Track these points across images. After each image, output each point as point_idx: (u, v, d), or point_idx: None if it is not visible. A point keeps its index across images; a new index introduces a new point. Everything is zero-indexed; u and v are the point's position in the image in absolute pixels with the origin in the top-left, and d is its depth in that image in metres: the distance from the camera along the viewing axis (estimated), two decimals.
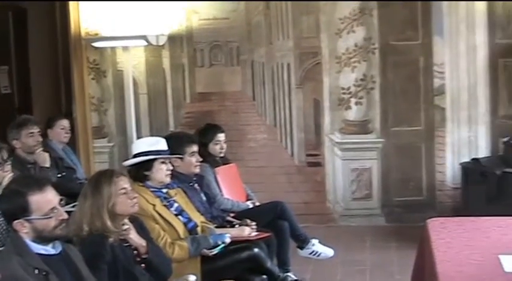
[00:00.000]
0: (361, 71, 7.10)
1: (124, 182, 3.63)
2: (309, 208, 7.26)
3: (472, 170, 6.64)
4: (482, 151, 7.08)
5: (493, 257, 3.39)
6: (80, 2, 7.14)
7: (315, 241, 5.59)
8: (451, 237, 3.78)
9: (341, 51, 7.11)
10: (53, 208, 2.93)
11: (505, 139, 6.66)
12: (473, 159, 6.83)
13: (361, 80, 7.11)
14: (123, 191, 3.58)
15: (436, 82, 7.11)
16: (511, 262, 3.29)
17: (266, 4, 7.29)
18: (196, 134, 5.45)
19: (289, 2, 7.17)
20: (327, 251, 5.64)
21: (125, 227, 3.58)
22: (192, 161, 4.79)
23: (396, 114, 7.16)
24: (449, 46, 7.09)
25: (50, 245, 2.96)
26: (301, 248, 5.56)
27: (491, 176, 6.37)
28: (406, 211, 7.18)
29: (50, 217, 2.91)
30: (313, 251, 5.58)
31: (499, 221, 4.09)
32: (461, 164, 6.89)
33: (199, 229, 4.39)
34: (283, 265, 5.30)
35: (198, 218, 4.46)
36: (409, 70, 7.12)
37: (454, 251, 3.51)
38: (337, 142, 7.24)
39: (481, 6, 6.95)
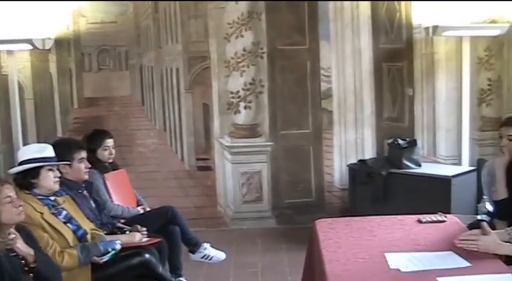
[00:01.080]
0: (249, 75, 7.16)
1: (9, 190, 3.52)
2: (200, 212, 7.27)
3: (358, 171, 6.81)
4: (369, 152, 7.29)
5: (379, 255, 3.48)
6: None
7: (206, 245, 5.59)
8: (339, 237, 3.85)
9: (230, 56, 7.14)
10: None
11: (390, 141, 6.81)
12: (359, 160, 7.00)
13: (250, 84, 7.17)
14: (8, 199, 3.48)
15: (323, 86, 7.26)
16: (396, 259, 3.38)
17: (154, 8, 7.23)
18: (84, 140, 5.35)
19: (177, 6, 7.14)
20: (219, 255, 5.66)
21: (11, 236, 3.48)
22: (80, 167, 4.69)
23: (285, 117, 7.26)
24: (335, 51, 7.25)
25: None
26: (193, 252, 5.56)
27: (377, 177, 6.54)
28: (296, 212, 7.30)
29: None
30: (205, 255, 5.58)
31: (384, 220, 4.21)
32: (348, 165, 7.04)
33: (89, 236, 4.30)
34: (175, 270, 5.30)
35: (87, 226, 4.38)
36: (297, 74, 7.24)
37: (341, 251, 3.58)
38: (226, 146, 7.27)
39: (366, 12, 7.16)
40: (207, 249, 5.60)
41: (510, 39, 6.84)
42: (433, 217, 4.22)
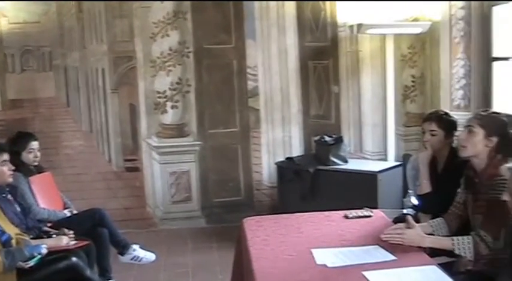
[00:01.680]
0: (176, 75, 7.13)
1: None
2: (129, 213, 7.20)
3: (286, 168, 6.86)
4: (296, 149, 7.36)
5: (306, 251, 3.51)
6: None
7: (135, 246, 5.56)
8: (267, 234, 3.87)
9: (156, 55, 7.10)
10: None
11: (317, 138, 6.90)
12: (287, 158, 7.07)
13: (177, 83, 7.14)
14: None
15: (250, 84, 7.30)
16: (322, 255, 3.42)
17: (78, 7, 7.12)
18: (7, 143, 5.23)
19: (102, 6, 7.06)
20: (149, 256, 5.63)
21: None
22: (3, 170, 4.57)
23: (212, 116, 7.26)
24: (261, 49, 7.29)
25: None
26: (122, 254, 5.52)
27: (304, 174, 6.61)
28: (226, 211, 7.31)
29: None
30: (134, 257, 5.55)
31: (311, 217, 4.25)
32: (276, 163, 7.09)
33: (13, 241, 4.21)
34: (105, 273, 5.25)
35: (12, 230, 4.28)
36: (224, 73, 7.25)
37: (269, 248, 3.60)
38: (154, 146, 7.23)
39: (291, 10, 7.22)
40: (136, 250, 5.57)
41: (432, 36, 6.99)
42: (359, 212, 4.28)
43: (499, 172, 3.36)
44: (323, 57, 7.38)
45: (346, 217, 4.20)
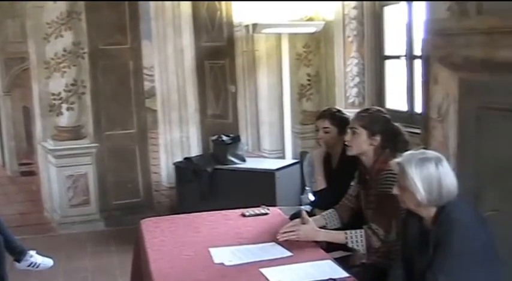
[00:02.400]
0: (71, 76, 7.01)
1: None
2: (26, 218, 7.03)
3: (184, 169, 6.87)
4: (194, 149, 7.38)
5: (204, 250, 3.53)
6: None
7: (32, 252, 5.47)
8: (164, 235, 3.86)
9: (50, 56, 6.95)
10: None
11: (214, 137, 6.95)
12: (185, 158, 7.07)
13: (72, 85, 7.01)
14: None
15: (147, 85, 7.25)
16: (220, 254, 3.45)
17: None
18: None
19: None
20: (46, 262, 5.55)
21: None
22: None
23: (109, 118, 7.18)
24: (157, 49, 7.26)
25: None
26: (19, 261, 5.42)
27: (203, 174, 6.63)
28: (125, 213, 7.22)
29: None
30: (31, 263, 5.46)
31: (209, 216, 4.27)
32: (174, 163, 7.09)
33: None
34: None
35: None
36: (120, 74, 7.18)
37: (167, 249, 3.59)
38: (50, 149, 7.08)
39: (187, 10, 7.22)
40: (33, 256, 5.47)
41: (326, 36, 7.13)
42: (257, 210, 4.33)
43: (387, 167, 3.47)
44: (219, 57, 7.42)
45: (244, 215, 4.24)
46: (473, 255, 2.85)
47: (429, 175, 2.90)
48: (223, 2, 7.29)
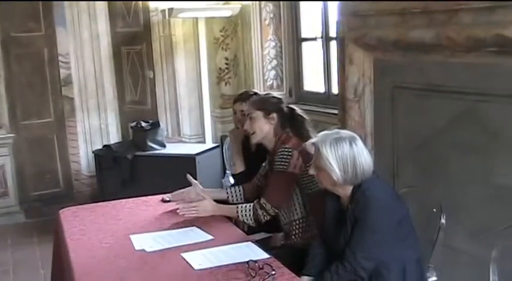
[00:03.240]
0: None
1: None
2: None
3: (104, 156, 6.82)
4: (114, 137, 7.33)
5: (125, 237, 3.50)
6: None
7: None
8: (84, 224, 3.82)
9: None
10: None
11: (133, 124, 6.91)
12: (104, 146, 7.03)
13: None
14: None
15: (63, 73, 7.14)
16: (141, 240, 3.43)
17: None
18: None
19: None
20: None
21: None
22: None
23: (25, 107, 7.05)
24: (73, 36, 7.15)
25: None
26: None
27: (123, 161, 6.59)
28: (45, 204, 7.11)
29: None
30: None
31: (128, 203, 4.25)
32: (94, 151, 7.03)
33: None
34: None
35: None
36: (34, 62, 7.05)
37: (86, 238, 3.55)
38: None
39: None
40: None
41: (243, 19, 7.13)
42: None
43: (284, 145, 3.62)
44: (136, 43, 7.38)
45: (164, 201, 4.23)
46: (389, 230, 2.94)
47: (343, 155, 2.95)
48: None
